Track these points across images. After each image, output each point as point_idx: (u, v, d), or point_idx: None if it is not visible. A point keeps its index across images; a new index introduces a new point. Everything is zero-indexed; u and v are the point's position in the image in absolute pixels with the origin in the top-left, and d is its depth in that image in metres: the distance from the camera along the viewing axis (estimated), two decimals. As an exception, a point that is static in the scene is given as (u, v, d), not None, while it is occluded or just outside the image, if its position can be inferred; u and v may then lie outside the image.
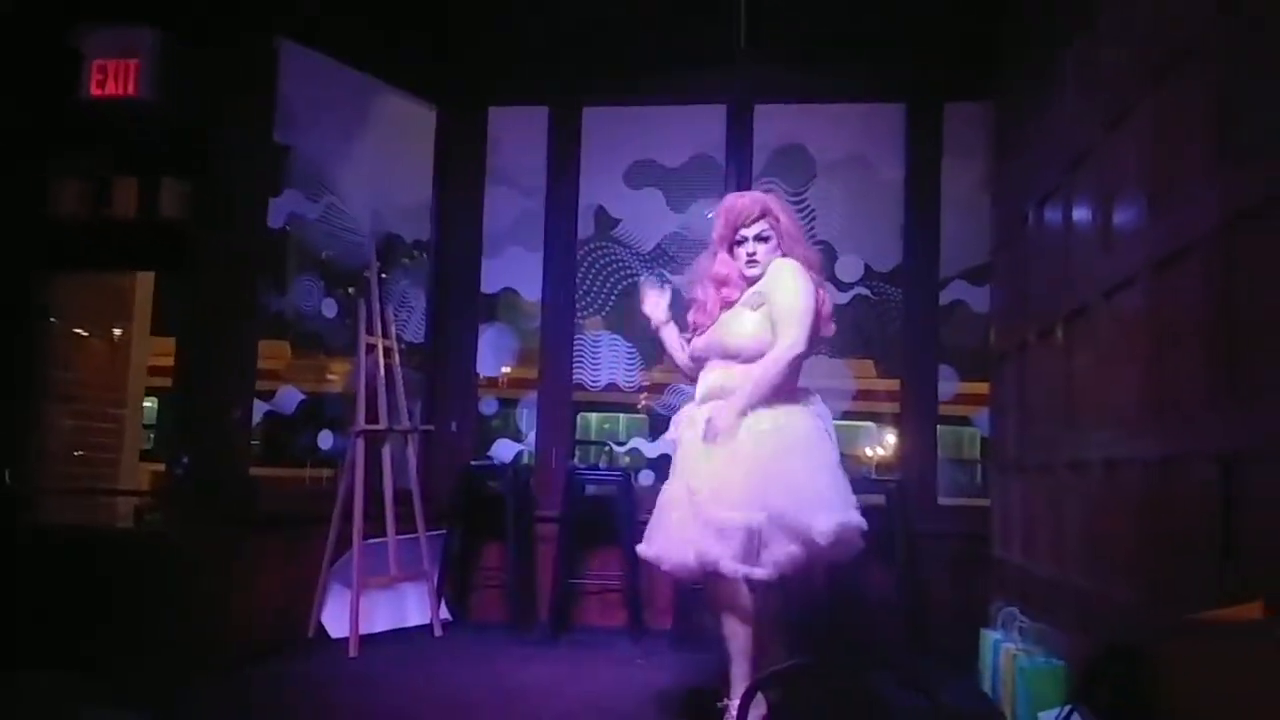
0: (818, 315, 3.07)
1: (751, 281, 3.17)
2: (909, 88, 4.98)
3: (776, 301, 3.03)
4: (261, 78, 4.28)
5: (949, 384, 4.86)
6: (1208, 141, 2.21)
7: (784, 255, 3.15)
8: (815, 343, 3.15)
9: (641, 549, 3.11)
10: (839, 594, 4.38)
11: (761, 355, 3.03)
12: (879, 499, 4.56)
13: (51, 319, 4.61)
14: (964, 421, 5.64)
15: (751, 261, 3.16)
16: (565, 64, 5.24)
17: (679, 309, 3.49)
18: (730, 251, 3.23)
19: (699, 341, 3.24)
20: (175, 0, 4.17)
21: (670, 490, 3.13)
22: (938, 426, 4.85)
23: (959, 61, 4.76)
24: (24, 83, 4.12)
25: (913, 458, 4.81)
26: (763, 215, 3.18)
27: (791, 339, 2.98)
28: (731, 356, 3.10)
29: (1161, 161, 2.49)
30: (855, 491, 4.00)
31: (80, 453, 4.86)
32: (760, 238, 3.17)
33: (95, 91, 4.07)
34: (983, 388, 4.52)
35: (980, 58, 4.48)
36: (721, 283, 3.21)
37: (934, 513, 4.71)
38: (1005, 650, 3.29)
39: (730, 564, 2.84)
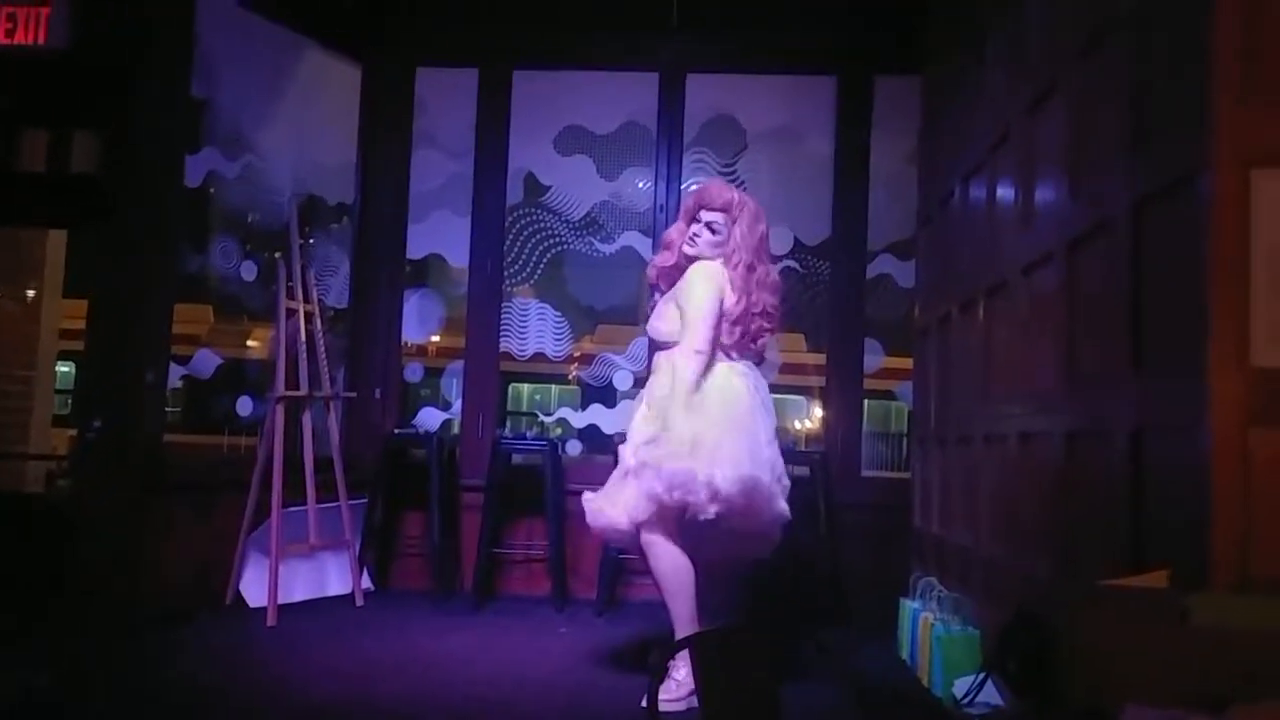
0: (721, 318, 3.14)
1: (687, 257, 3.29)
2: (840, 60, 4.99)
3: (683, 306, 3.16)
4: (178, 29, 4.12)
5: (875, 357, 4.92)
6: (1121, 123, 2.26)
7: (724, 255, 3.22)
8: (745, 336, 3.21)
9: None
10: (762, 563, 4.44)
11: (670, 342, 3.19)
12: (803, 470, 4.62)
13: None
14: (889, 395, 5.73)
15: (693, 239, 3.28)
16: (495, 25, 5.14)
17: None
18: (688, 224, 3.34)
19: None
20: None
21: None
22: (864, 400, 4.92)
23: (890, 34, 4.80)
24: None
25: (837, 430, 4.87)
26: (723, 209, 3.25)
27: (690, 342, 3.08)
28: (653, 342, 3.32)
29: (1079, 141, 2.53)
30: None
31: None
32: (710, 226, 3.25)
33: (3, 39, 3.90)
34: (908, 362, 4.59)
35: (910, 31, 4.52)
36: (666, 245, 3.40)
37: (857, 484, 4.79)
38: (922, 619, 3.36)
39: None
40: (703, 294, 3.12)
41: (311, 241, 4.97)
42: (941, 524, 3.74)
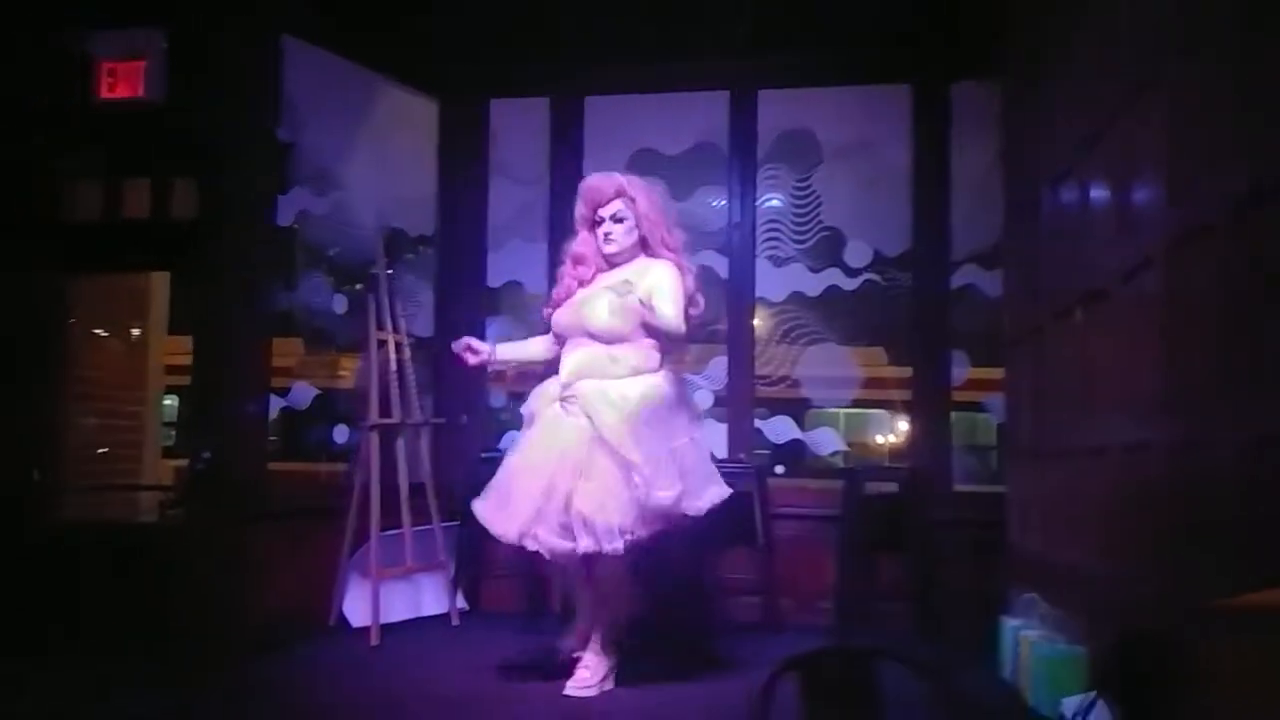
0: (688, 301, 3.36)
1: (609, 259, 3.39)
2: (914, 68, 4.94)
3: (663, 294, 3.26)
4: (266, 75, 4.27)
5: (961, 369, 4.83)
6: (1226, 121, 2.19)
7: (643, 236, 3.36)
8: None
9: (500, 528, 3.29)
10: (850, 580, 4.39)
11: (619, 339, 3.28)
12: (891, 486, 4.57)
13: (72, 320, 4.62)
14: (977, 407, 5.61)
15: (608, 240, 3.36)
16: (565, 55, 5.20)
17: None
18: (592, 231, 3.42)
19: (559, 317, 3.44)
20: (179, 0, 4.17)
21: (519, 460, 3.32)
22: (951, 413, 4.83)
23: (965, 41, 4.72)
24: (37, 87, 4.13)
25: (925, 445, 4.79)
26: (617, 195, 3.36)
27: (679, 327, 3.27)
28: (592, 336, 3.30)
29: (1179, 141, 2.46)
30: (870, 479, 4.15)
31: (104, 450, 4.91)
32: (616, 218, 3.35)
33: (105, 94, 4.09)
34: (996, 373, 4.51)
35: (987, 35, 4.45)
36: (577, 260, 3.44)
37: (948, 500, 4.69)
38: (1025, 637, 3.29)
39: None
40: (678, 286, 3.28)
41: (395, 272, 5.09)
42: (1042, 539, 3.65)
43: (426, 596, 4.67)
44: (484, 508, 3.30)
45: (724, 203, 5.12)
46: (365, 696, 3.30)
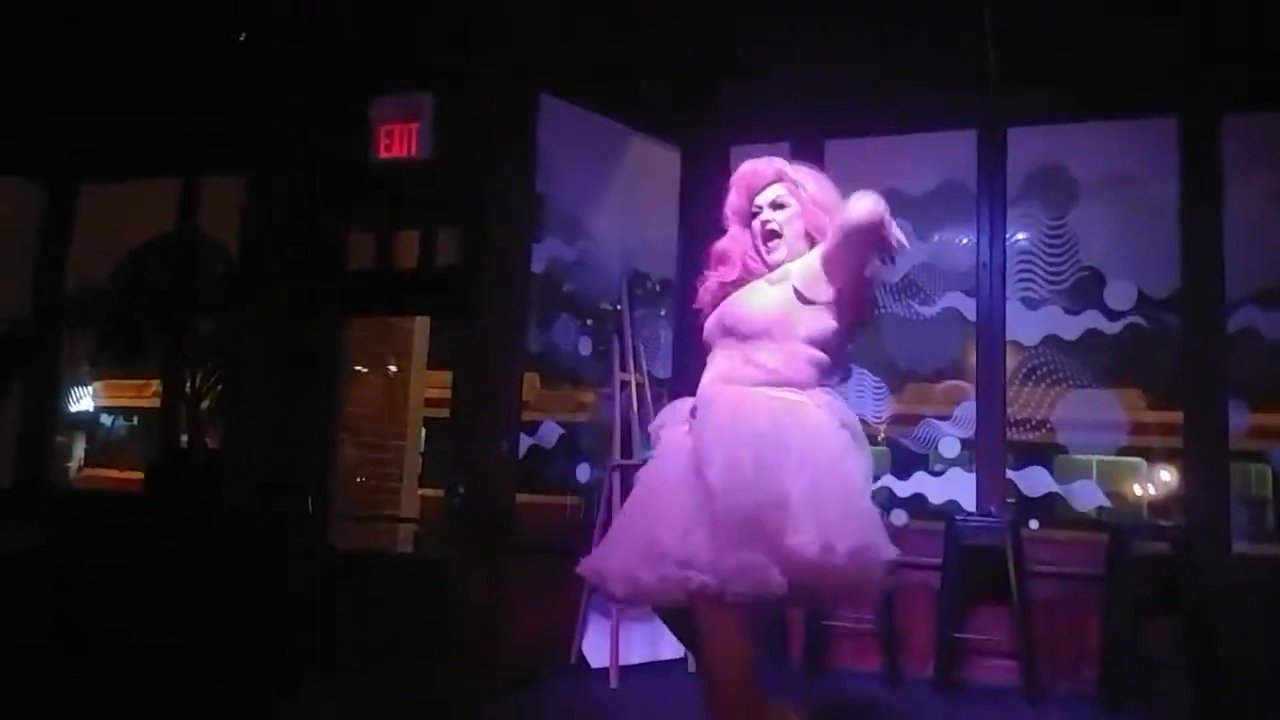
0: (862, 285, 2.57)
1: (769, 263, 2.61)
2: (1180, 99, 4.64)
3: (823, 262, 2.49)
4: (524, 132, 4.54)
5: (1239, 416, 4.43)
6: None
7: (808, 231, 2.60)
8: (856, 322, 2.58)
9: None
10: (1117, 648, 4.07)
11: (762, 333, 2.47)
12: (1161, 546, 4.22)
13: (346, 360, 5.05)
14: (1253, 457, 5.12)
15: (770, 233, 2.60)
16: (806, 98, 5.20)
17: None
18: (745, 226, 2.69)
19: (706, 323, 2.65)
20: (446, 63, 4.50)
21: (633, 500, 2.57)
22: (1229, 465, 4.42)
23: (1236, 70, 4.42)
24: (326, 149, 4.57)
25: (1199, 499, 4.40)
26: (778, 179, 2.64)
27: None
28: (737, 334, 2.51)
29: None
30: (1135, 538, 3.81)
31: (361, 479, 5.30)
32: (776, 204, 2.61)
33: (382, 153, 4.46)
34: (1277, 420, 4.10)
35: (1264, 61, 4.11)
36: (720, 259, 2.67)
37: (1227, 563, 4.27)
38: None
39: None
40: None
41: (637, 315, 5.23)
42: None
43: (665, 640, 4.69)
44: (589, 561, 2.53)
45: (971, 242, 4.95)
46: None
